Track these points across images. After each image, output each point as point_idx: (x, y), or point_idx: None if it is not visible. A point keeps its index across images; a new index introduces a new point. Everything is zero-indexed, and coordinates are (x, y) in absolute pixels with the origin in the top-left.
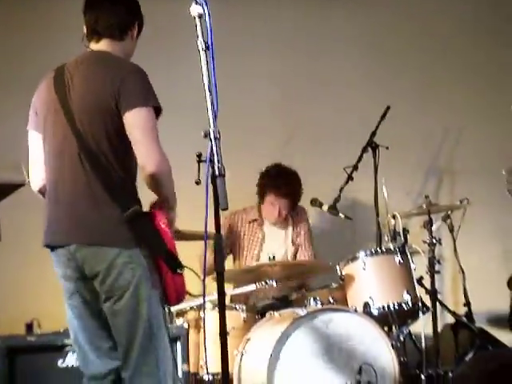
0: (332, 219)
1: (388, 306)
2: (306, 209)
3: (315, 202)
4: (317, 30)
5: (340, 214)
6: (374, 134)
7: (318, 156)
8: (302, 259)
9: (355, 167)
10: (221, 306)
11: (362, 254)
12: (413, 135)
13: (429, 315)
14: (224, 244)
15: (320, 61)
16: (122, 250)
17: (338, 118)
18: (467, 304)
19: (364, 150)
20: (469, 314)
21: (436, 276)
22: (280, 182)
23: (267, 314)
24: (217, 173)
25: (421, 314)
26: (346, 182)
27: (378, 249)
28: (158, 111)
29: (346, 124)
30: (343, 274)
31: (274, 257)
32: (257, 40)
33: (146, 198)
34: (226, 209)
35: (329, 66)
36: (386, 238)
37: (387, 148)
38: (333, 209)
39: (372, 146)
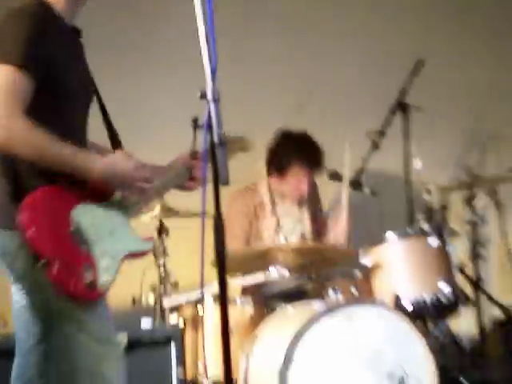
0: (354, 196)
1: (423, 299)
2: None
3: (335, 176)
4: None
5: (364, 189)
6: (403, 92)
7: (336, 120)
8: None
9: (381, 133)
10: (222, 297)
11: (390, 235)
12: (450, 93)
13: (472, 309)
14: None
15: (338, 9)
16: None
17: (359, 74)
18: None
19: (392, 111)
20: None
21: (480, 262)
22: (311, 150)
23: (278, 308)
24: (216, 141)
25: (462, 307)
26: (371, 151)
27: (410, 230)
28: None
29: (369, 81)
30: (368, 260)
31: (287, 238)
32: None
33: None
34: (227, 183)
35: (349, 16)
36: (420, 218)
37: (420, 109)
38: (355, 183)
39: (401, 106)
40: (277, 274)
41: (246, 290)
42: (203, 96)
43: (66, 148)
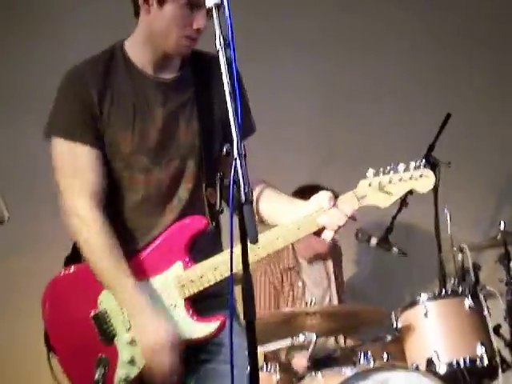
0: (383, 255)
1: (458, 363)
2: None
3: (361, 235)
4: (363, 30)
5: (393, 249)
6: (432, 147)
7: (362, 176)
8: (347, 305)
9: (410, 190)
10: (252, 367)
11: (423, 297)
12: (480, 149)
13: (510, 373)
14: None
15: (365, 67)
16: None
17: (386, 131)
18: None
19: None
20: None
21: None
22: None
23: (307, 376)
24: (243, 198)
25: (500, 372)
26: (400, 209)
27: (443, 291)
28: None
29: (396, 138)
30: (400, 323)
31: (313, 301)
32: (293, 49)
33: None
34: (256, 242)
35: (378, 73)
36: (452, 278)
37: (449, 164)
38: (384, 242)
39: (430, 162)
40: (304, 339)
41: (272, 357)
42: (228, 152)
43: (109, 264)
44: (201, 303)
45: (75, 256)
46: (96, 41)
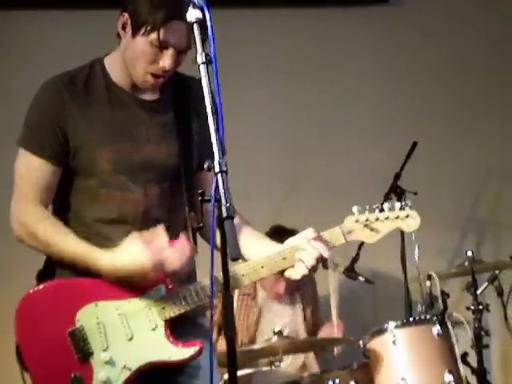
0: (349, 284)
1: None
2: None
3: (328, 264)
4: (337, 57)
5: (359, 277)
6: (398, 176)
7: (329, 207)
8: (312, 337)
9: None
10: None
11: (391, 325)
12: (446, 178)
13: None
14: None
15: (335, 96)
16: None
17: (354, 159)
18: None
19: (387, 196)
20: None
21: (484, 351)
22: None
23: None
24: (225, 214)
25: None
26: None
27: (411, 318)
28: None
29: (362, 166)
30: (368, 350)
31: (280, 331)
32: (257, 75)
33: None
34: (237, 259)
35: (340, 102)
36: (420, 306)
37: (415, 194)
38: (350, 271)
39: (396, 191)
40: (271, 366)
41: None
42: (210, 168)
43: (68, 245)
44: (179, 327)
45: (48, 271)
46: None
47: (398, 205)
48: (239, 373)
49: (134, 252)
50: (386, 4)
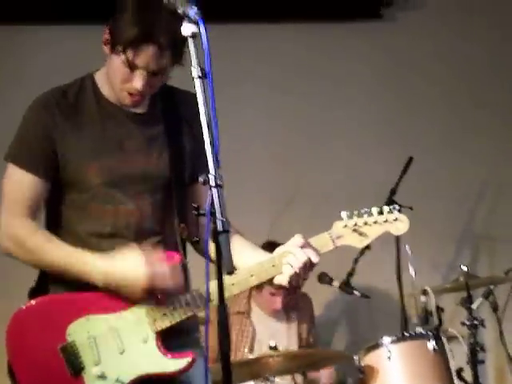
0: (345, 298)
1: None
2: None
3: (324, 278)
4: (331, 73)
5: (355, 292)
6: (394, 191)
7: (324, 221)
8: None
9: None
10: None
11: (386, 340)
12: (441, 193)
13: None
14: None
15: (328, 110)
16: None
17: (348, 174)
18: None
19: None
20: None
21: (479, 367)
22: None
23: None
24: (220, 228)
25: None
26: (362, 253)
27: (406, 333)
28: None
29: (359, 181)
30: (363, 365)
31: (275, 346)
32: (251, 88)
33: None
34: (231, 272)
35: (334, 117)
36: (415, 320)
37: (411, 209)
38: (346, 285)
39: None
40: (265, 382)
41: None
42: (205, 182)
43: (60, 256)
44: (172, 340)
45: (40, 288)
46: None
47: (386, 208)
48: None
49: (131, 261)
50: (379, 19)
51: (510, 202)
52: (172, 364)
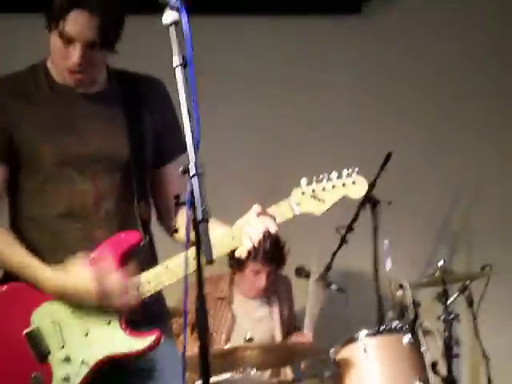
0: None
1: None
2: (290, 279)
3: (301, 272)
4: (310, 67)
5: (331, 286)
6: (372, 186)
7: (304, 217)
8: (283, 341)
9: (350, 228)
10: None
11: (362, 334)
12: (420, 188)
13: None
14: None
15: (309, 102)
16: None
17: (327, 168)
18: None
19: (361, 206)
20: None
21: (454, 361)
22: (266, 243)
23: None
24: (199, 217)
25: None
26: (339, 247)
27: (382, 327)
28: None
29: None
30: (339, 358)
31: (250, 338)
32: (235, 84)
33: None
34: (211, 262)
35: (319, 109)
36: (390, 315)
37: (389, 203)
38: (323, 279)
39: (371, 201)
40: (243, 373)
41: None
42: (185, 171)
43: (15, 257)
44: (136, 318)
45: (7, 278)
46: None
47: (345, 172)
48: (215, 379)
49: (80, 274)
50: (358, 14)
51: (489, 199)
52: (136, 343)
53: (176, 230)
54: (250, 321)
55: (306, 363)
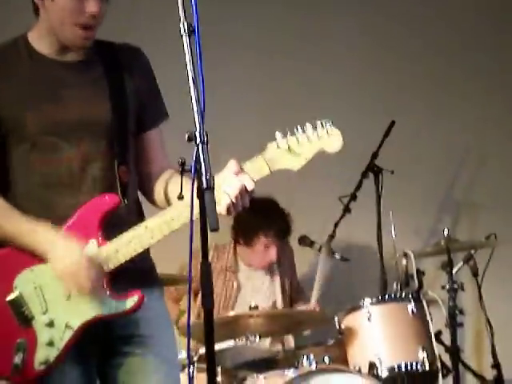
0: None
1: (399, 367)
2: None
3: (304, 241)
4: (311, 35)
5: (335, 255)
6: (375, 155)
7: (306, 183)
8: (288, 309)
9: (353, 196)
10: (209, 363)
11: (366, 301)
12: (423, 157)
13: (450, 379)
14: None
15: (311, 69)
16: None
17: None
18: (496, 366)
19: (364, 175)
20: (498, 378)
21: (458, 330)
22: (277, 219)
23: (249, 378)
24: (204, 185)
25: (440, 377)
26: (343, 215)
27: (386, 296)
28: None
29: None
30: (342, 326)
31: (256, 306)
32: (242, 46)
33: None
34: (216, 230)
35: (321, 76)
36: (394, 284)
37: (392, 172)
38: (326, 248)
39: (374, 170)
40: (246, 341)
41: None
42: (191, 139)
43: (10, 224)
44: (121, 278)
45: None
46: None
47: (319, 123)
48: (218, 346)
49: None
50: None
51: (493, 168)
52: (118, 304)
53: (182, 198)
54: (252, 289)
55: (309, 331)
